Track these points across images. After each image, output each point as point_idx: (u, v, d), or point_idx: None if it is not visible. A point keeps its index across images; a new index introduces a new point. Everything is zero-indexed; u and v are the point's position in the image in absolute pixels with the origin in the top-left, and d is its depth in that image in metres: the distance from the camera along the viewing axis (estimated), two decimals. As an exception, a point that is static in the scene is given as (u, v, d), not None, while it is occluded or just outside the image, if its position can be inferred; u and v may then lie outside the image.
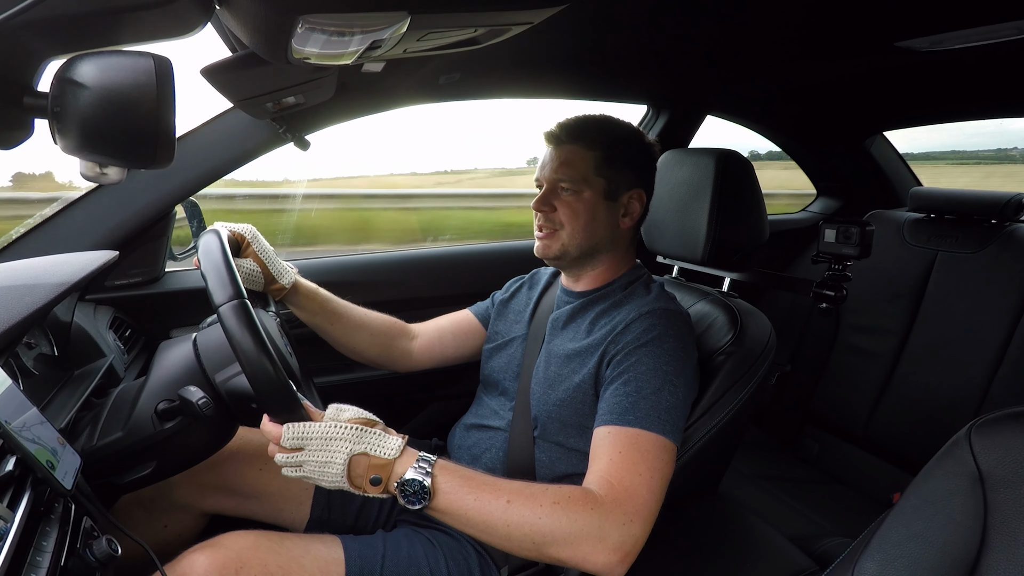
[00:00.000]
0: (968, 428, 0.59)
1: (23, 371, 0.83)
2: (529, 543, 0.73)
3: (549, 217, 1.02)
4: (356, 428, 0.73)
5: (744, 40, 1.20)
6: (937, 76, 1.45)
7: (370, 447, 0.73)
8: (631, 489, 0.77)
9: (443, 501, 0.73)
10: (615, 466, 0.79)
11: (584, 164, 1.00)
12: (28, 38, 0.49)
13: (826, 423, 1.84)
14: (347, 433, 0.72)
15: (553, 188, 1.01)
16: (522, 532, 0.73)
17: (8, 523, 0.52)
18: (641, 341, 0.90)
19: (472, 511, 0.73)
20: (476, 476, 0.76)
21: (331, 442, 0.72)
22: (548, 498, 0.74)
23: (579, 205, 1.00)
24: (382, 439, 0.74)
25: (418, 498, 0.72)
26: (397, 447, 0.74)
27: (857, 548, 0.64)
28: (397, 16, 0.57)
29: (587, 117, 1.05)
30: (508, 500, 0.73)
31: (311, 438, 0.71)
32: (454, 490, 0.74)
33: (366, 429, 0.74)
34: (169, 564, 0.80)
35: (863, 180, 2.20)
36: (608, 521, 0.74)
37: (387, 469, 0.73)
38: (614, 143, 1.02)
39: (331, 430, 0.72)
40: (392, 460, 0.73)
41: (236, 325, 0.70)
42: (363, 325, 1.16)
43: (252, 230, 1.02)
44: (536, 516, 0.73)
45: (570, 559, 0.73)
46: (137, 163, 0.51)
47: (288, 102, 0.97)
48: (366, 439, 0.73)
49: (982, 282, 1.58)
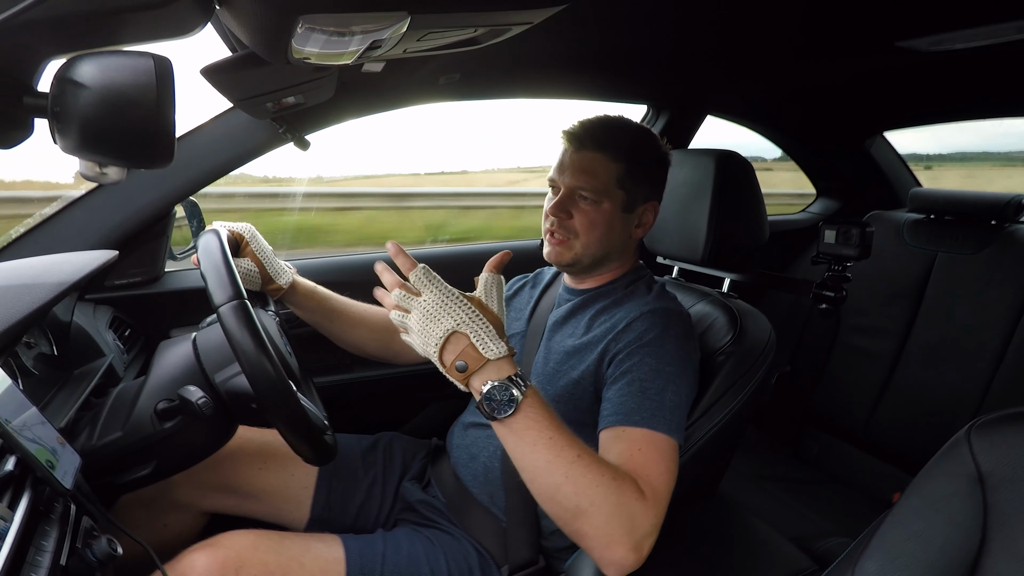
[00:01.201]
0: (968, 428, 0.59)
1: (23, 371, 0.83)
2: (572, 504, 0.70)
3: (564, 224, 0.98)
4: (472, 310, 0.71)
5: (744, 40, 1.20)
6: (938, 76, 1.45)
7: (477, 334, 0.70)
8: (658, 490, 0.76)
9: (523, 422, 0.71)
10: (639, 464, 0.78)
11: (607, 175, 0.96)
12: (28, 38, 0.49)
13: (826, 423, 1.84)
14: (462, 307, 0.71)
15: (571, 194, 0.98)
16: (574, 490, 0.70)
17: (8, 523, 0.52)
18: (643, 340, 0.90)
19: (541, 447, 0.71)
20: (556, 416, 0.74)
21: (442, 308, 0.70)
22: (610, 472, 0.72)
23: (597, 216, 0.97)
24: (490, 335, 0.71)
25: (503, 407, 0.70)
26: (498, 352, 0.70)
27: (857, 548, 0.64)
28: (397, 16, 0.57)
29: (610, 121, 1.01)
30: (579, 454, 0.71)
31: (428, 296, 0.71)
32: (538, 418, 0.71)
33: (479, 315, 0.71)
34: (169, 564, 0.80)
35: (863, 181, 2.20)
36: (643, 516, 0.72)
37: (478, 364, 0.70)
38: (638, 155, 0.99)
39: (448, 297, 0.71)
40: (486, 360, 0.70)
41: (236, 326, 0.70)
42: (363, 321, 1.16)
43: (251, 229, 1.02)
44: (595, 483, 0.70)
45: (595, 537, 0.71)
46: (137, 163, 0.51)
47: (288, 102, 0.96)
48: (477, 324, 0.71)
49: (982, 283, 1.58)
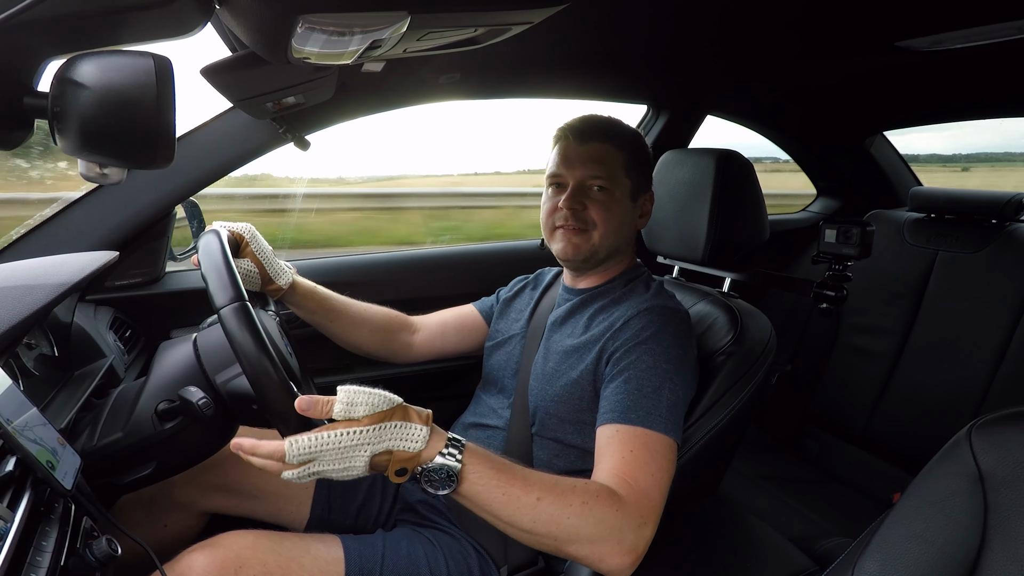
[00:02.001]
0: (968, 428, 0.59)
1: (23, 371, 0.83)
2: (551, 539, 0.71)
3: (580, 215, 0.99)
4: (373, 429, 0.65)
5: (744, 40, 1.20)
6: (937, 76, 1.45)
7: (393, 444, 0.66)
8: (646, 490, 0.77)
9: (470, 490, 0.69)
10: (628, 465, 0.78)
11: (616, 163, 1.00)
12: (28, 38, 0.49)
13: (826, 423, 1.84)
14: (364, 437, 0.64)
15: (582, 186, 0.99)
16: (547, 529, 0.71)
17: (8, 523, 0.52)
18: (640, 338, 0.90)
19: (499, 504, 0.70)
20: (506, 467, 0.72)
21: (348, 450, 0.64)
22: (577, 498, 0.72)
23: (613, 204, 0.99)
24: (405, 431, 0.66)
25: (443, 484, 0.68)
26: (422, 438, 0.67)
27: (857, 548, 0.64)
28: (397, 16, 0.57)
29: (606, 117, 1.05)
30: (538, 497, 0.71)
31: (324, 450, 0.63)
32: (483, 481, 0.70)
33: (384, 425, 0.65)
34: (169, 564, 0.80)
35: (863, 180, 2.20)
36: (627, 523, 0.73)
37: (413, 461, 0.67)
38: (635, 145, 1.03)
39: (345, 438, 0.63)
40: (418, 452, 0.67)
41: (237, 327, 0.70)
42: (363, 321, 1.17)
43: (251, 230, 1.02)
44: (564, 516, 0.71)
45: (587, 557, 0.72)
46: (137, 163, 0.51)
47: (288, 102, 0.96)
48: (387, 436, 0.65)
49: (982, 282, 1.58)
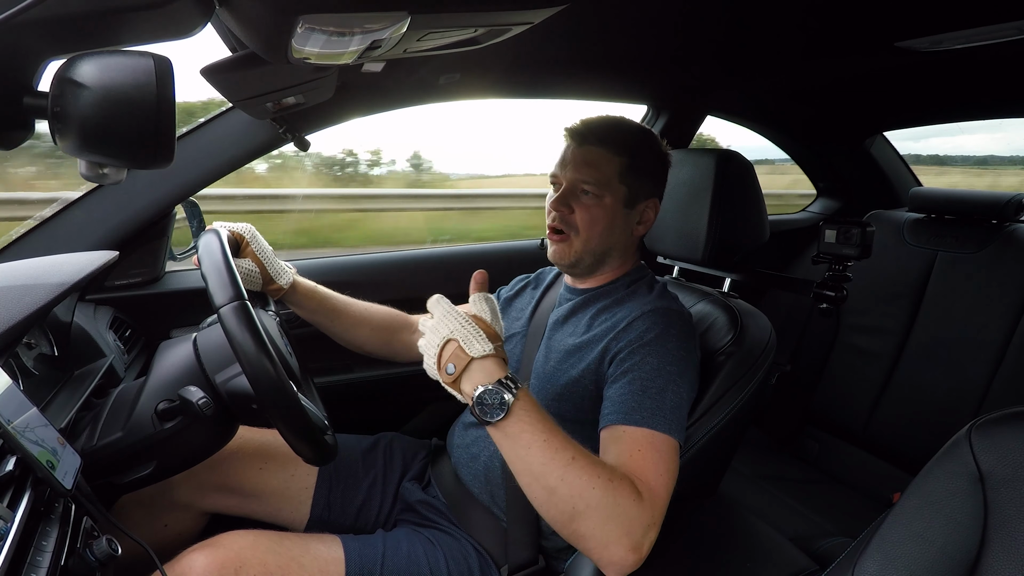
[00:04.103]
0: (968, 428, 0.59)
1: (23, 371, 0.83)
2: (568, 507, 0.70)
3: (566, 218, 0.98)
4: (463, 319, 0.74)
5: (744, 40, 1.21)
6: (937, 76, 1.45)
7: (463, 338, 0.72)
8: (656, 491, 0.76)
9: (516, 426, 0.70)
10: (637, 464, 0.77)
11: (610, 168, 0.97)
12: (28, 38, 0.49)
13: (826, 423, 1.83)
14: (455, 320, 0.74)
15: (573, 189, 0.98)
16: (570, 491, 0.69)
17: (8, 523, 0.52)
18: (644, 340, 0.90)
19: (538, 449, 0.70)
20: (551, 419, 0.73)
21: (442, 322, 0.75)
22: (606, 473, 0.71)
23: (599, 211, 0.97)
24: (477, 338, 0.72)
25: (495, 411, 0.70)
26: (482, 351, 0.72)
27: (857, 548, 0.64)
28: (397, 16, 0.57)
29: (613, 118, 1.02)
30: (573, 457, 0.70)
31: (440, 306, 0.76)
32: (531, 420, 0.71)
33: (472, 324, 0.73)
34: (169, 564, 0.80)
35: (863, 180, 2.20)
36: (641, 517, 0.72)
37: (463, 363, 0.72)
38: (639, 151, 0.99)
39: (447, 315, 0.75)
40: (471, 358, 0.71)
41: (237, 327, 0.70)
42: (364, 320, 1.16)
43: (251, 230, 1.02)
44: (591, 485, 0.70)
45: (592, 539, 0.70)
46: (137, 163, 0.51)
47: (288, 102, 0.96)
48: (463, 332, 0.73)
49: (982, 282, 1.58)
